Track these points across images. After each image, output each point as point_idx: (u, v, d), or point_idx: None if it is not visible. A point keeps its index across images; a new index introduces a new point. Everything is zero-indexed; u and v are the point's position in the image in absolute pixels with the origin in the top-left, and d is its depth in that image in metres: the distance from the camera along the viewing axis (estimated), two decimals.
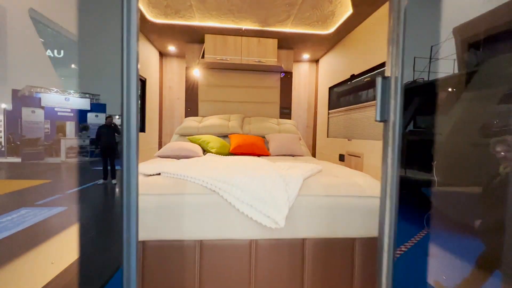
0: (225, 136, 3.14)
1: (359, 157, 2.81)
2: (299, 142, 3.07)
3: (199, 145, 2.66)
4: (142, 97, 3.56)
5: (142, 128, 3.57)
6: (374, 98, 2.73)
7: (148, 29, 3.22)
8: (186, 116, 3.70)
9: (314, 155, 4.41)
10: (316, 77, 4.47)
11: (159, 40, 3.61)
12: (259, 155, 2.76)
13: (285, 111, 3.84)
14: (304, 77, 4.51)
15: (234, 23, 3.09)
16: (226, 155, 2.70)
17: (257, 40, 3.39)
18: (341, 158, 3.30)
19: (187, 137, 2.82)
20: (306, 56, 4.19)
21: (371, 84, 2.81)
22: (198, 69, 3.64)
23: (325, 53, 4.04)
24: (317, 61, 4.43)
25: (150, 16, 2.94)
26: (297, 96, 4.47)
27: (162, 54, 4.20)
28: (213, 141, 2.65)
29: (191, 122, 3.20)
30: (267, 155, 2.77)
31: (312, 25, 3.07)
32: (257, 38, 3.39)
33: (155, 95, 3.97)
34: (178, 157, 2.35)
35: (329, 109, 3.86)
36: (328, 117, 3.87)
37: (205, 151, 2.66)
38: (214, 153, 2.55)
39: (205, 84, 3.67)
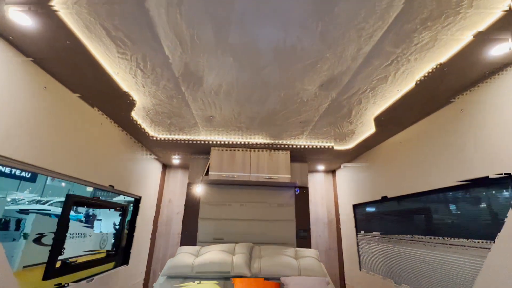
0: (227, 278, 2.35)
1: None
2: None
3: None
4: (133, 218, 3.00)
5: (125, 260, 2.84)
6: (427, 232, 2.07)
7: (150, 144, 3.00)
8: (181, 243, 3.01)
9: None
10: (334, 189, 3.97)
11: (162, 153, 3.37)
12: None
13: (303, 235, 3.12)
14: (320, 189, 4.01)
15: (243, 138, 2.86)
16: None
17: (268, 153, 3.08)
18: None
19: (175, 286, 2.05)
20: (320, 167, 3.83)
21: (418, 213, 2.22)
22: (201, 185, 3.22)
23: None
24: (333, 171, 4.03)
25: (153, 132, 2.74)
26: (314, 210, 3.85)
27: (166, 166, 3.94)
28: None
29: (185, 256, 2.49)
30: None
31: (329, 139, 2.79)
32: (268, 150, 3.10)
33: (150, 211, 3.43)
34: None
35: (357, 231, 3.15)
36: (358, 241, 3.10)
37: None
38: None
39: (207, 202, 3.16)
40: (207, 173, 3.03)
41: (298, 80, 1.67)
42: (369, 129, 2.41)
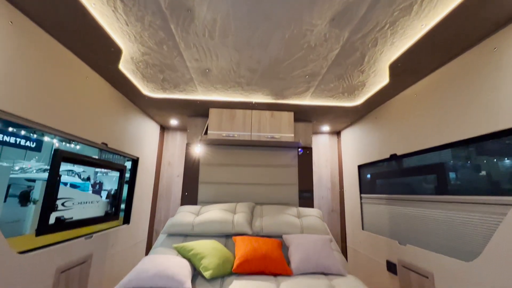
0: (228, 236, 2.32)
1: (427, 277, 1.86)
2: (331, 247, 2.18)
3: (189, 259, 1.84)
4: (132, 179, 2.94)
5: (126, 219, 2.83)
6: (439, 190, 1.95)
7: (145, 104, 2.82)
8: (182, 202, 2.98)
9: (344, 252, 3.40)
10: (338, 151, 3.83)
11: (158, 114, 3.20)
12: (275, 275, 1.88)
13: (305, 195, 3.06)
14: (324, 151, 3.88)
15: (243, 96, 2.65)
16: (228, 275, 1.83)
17: (270, 114, 2.89)
18: (391, 268, 2.33)
19: (173, 245, 2.02)
20: (325, 128, 3.65)
21: (429, 170, 2.08)
22: (200, 146, 3.09)
23: (348, 125, 3.49)
24: (338, 132, 3.86)
25: (146, 91, 2.54)
26: (318, 172, 3.76)
27: (164, 128, 3.79)
28: (210, 255, 1.82)
29: (186, 215, 2.45)
30: (289, 274, 1.88)
31: (336, 96, 2.57)
32: (270, 111, 2.90)
33: (149, 173, 3.36)
34: None
35: (361, 192, 3.07)
36: (361, 203, 3.03)
37: (196, 272, 1.82)
38: (209, 278, 1.70)
39: (207, 163, 3.06)
40: (206, 133, 2.88)
41: (306, 12, 1.41)
42: (382, 80, 2.18)
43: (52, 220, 1.78)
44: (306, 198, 3.05)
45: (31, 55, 1.48)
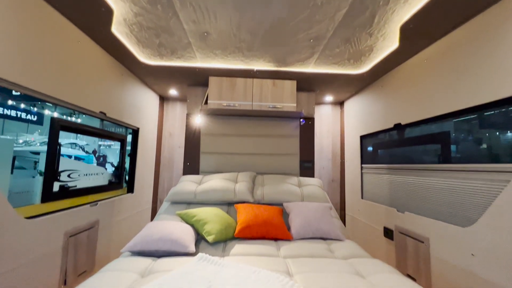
0: (230, 204, 2.37)
1: (422, 242, 1.92)
2: (331, 214, 2.24)
3: (192, 225, 1.89)
4: (133, 150, 2.94)
5: (130, 188, 2.89)
6: (440, 159, 1.94)
7: (142, 72, 2.72)
8: (184, 172, 3.01)
9: (343, 219, 3.51)
10: (341, 122, 3.77)
11: (157, 83, 3.10)
12: (276, 240, 1.95)
13: (306, 165, 3.07)
14: (326, 122, 3.82)
15: (244, 63, 2.53)
16: (230, 239, 1.90)
17: (272, 82, 2.79)
18: (388, 234, 2.41)
19: (177, 212, 2.07)
20: (328, 98, 3.56)
21: (434, 139, 2.04)
22: (200, 116, 3.04)
23: (352, 95, 3.39)
24: (341, 103, 3.77)
25: (142, 58, 2.43)
26: (319, 143, 3.74)
27: (163, 98, 3.70)
28: (212, 221, 1.88)
29: (188, 184, 2.48)
30: (289, 239, 1.94)
31: (342, 63, 2.45)
32: (272, 79, 2.80)
33: (151, 144, 3.36)
34: (157, 254, 1.58)
35: (362, 162, 3.07)
36: (362, 173, 3.05)
37: (199, 236, 1.88)
38: (211, 242, 1.76)
39: (208, 133, 3.04)
40: (206, 102, 2.82)
41: None
42: (391, 44, 2.06)
43: (56, 188, 1.81)
44: (307, 168, 3.07)
45: (18, 17, 1.38)
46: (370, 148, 2.97)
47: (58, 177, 1.78)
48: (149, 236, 1.61)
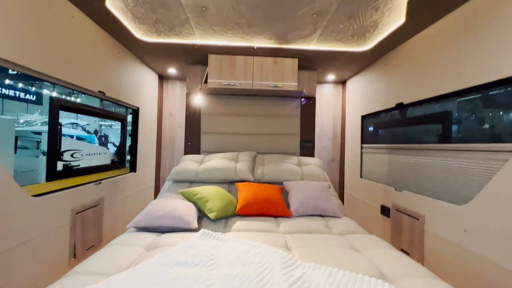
0: (231, 183, 2.42)
1: (418, 219, 1.99)
2: (330, 192, 2.29)
3: (194, 203, 1.95)
4: (134, 129, 2.95)
5: (132, 167, 2.94)
6: (440, 139, 1.94)
7: (140, 50, 2.65)
8: (185, 152, 3.04)
9: (342, 198, 3.59)
10: (342, 102, 3.73)
11: (155, 62, 3.04)
12: (276, 217, 2.01)
13: (307, 145, 3.09)
14: (328, 101, 3.78)
15: (244, 40, 2.45)
16: (231, 216, 1.97)
17: (273, 60, 2.73)
18: (384, 211, 2.48)
19: (179, 191, 2.12)
20: (330, 77, 3.49)
21: (435, 119, 2.03)
22: (200, 95, 3.01)
23: (355, 74, 3.32)
24: (343, 82, 3.70)
25: (139, 35, 2.36)
26: (320, 122, 3.73)
27: (162, 77, 3.64)
28: (213, 198, 1.93)
29: (189, 163, 2.52)
30: (288, 216, 2.01)
31: (345, 40, 2.37)
32: (273, 57, 2.73)
33: (151, 124, 3.36)
34: (160, 230, 1.65)
35: (362, 142, 3.08)
36: (362, 152, 3.07)
37: (201, 214, 1.94)
38: (213, 218, 1.82)
39: (209, 113, 3.02)
40: (206, 82, 2.77)
41: None
42: (397, 20, 1.98)
43: (60, 167, 1.84)
44: (307, 148, 3.09)
45: None
46: (370, 128, 2.97)
47: (61, 157, 1.80)
48: (153, 213, 1.67)
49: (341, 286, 0.94)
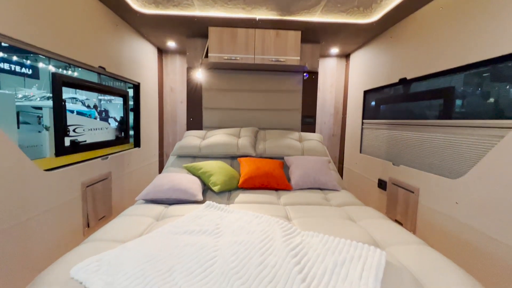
0: (233, 158, 2.49)
1: (413, 192, 2.08)
2: (329, 167, 2.36)
3: (199, 177, 2.03)
4: (136, 105, 2.96)
5: (137, 143, 2.99)
6: (441, 115, 1.96)
7: (137, 22, 2.56)
8: (188, 128, 3.08)
9: (341, 172, 3.69)
10: (345, 76, 3.67)
11: (154, 35, 2.95)
12: (277, 190, 2.11)
13: (308, 121, 3.11)
14: (330, 75, 3.72)
15: (245, 12, 2.36)
16: (234, 190, 2.06)
17: (275, 33, 2.64)
18: (381, 185, 2.57)
19: (183, 165, 2.19)
20: (334, 50, 3.39)
21: (439, 94, 2.03)
22: (201, 70, 2.97)
23: (359, 47, 3.23)
24: (347, 55, 3.61)
25: (137, 6, 2.27)
26: (322, 97, 3.71)
27: (162, 51, 3.56)
28: (217, 173, 2.00)
29: (192, 139, 2.57)
30: (289, 189, 2.10)
31: (350, 12, 2.28)
32: (275, 30, 2.64)
33: (153, 99, 3.36)
34: (168, 202, 1.74)
35: (363, 118, 3.09)
36: (362, 128, 3.10)
37: (205, 187, 2.03)
38: (217, 191, 1.91)
39: (210, 88, 3.00)
40: (206, 56, 2.72)
41: None
42: None
43: (67, 143, 1.89)
44: (308, 123, 3.11)
45: None
46: (372, 103, 2.96)
47: (68, 133, 1.84)
48: (160, 186, 1.75)
49: (336, 251, 1.03)
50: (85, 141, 2.11)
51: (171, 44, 3.24)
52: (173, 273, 0.87)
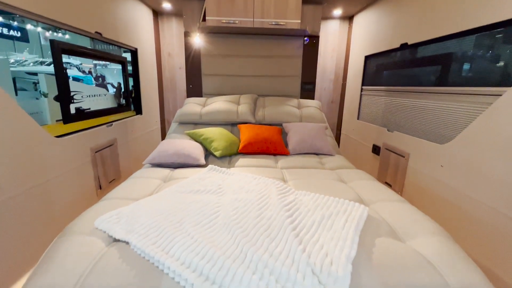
0: (233, 124, 2.57)
1: (403, 157, 2.20)
2: (326, 133, 2.45)
3: (200, 143, 2.13)
4: (135, 71, 2.95)
5: (138, 110, 3.05)
6: (436, 82, 1.98)
7: None
8: (188, 95, 3.10)
9: (338, 138, 3.79)
10: (348, 40, 3.56)
11: None
12: (275, 155, 2.23)
13: (307, 87, 3.12)
14: (332, 39, 3.62)
15: None
16: (234, 154, 2.18)
17: None
18: (375, 150, 2.69)
19: (185, 132, 2.28)
20: (337, 12, 3.25)
21: (436, 61, 2.03)
22: (199, 34, 2.89)
23: (363, 8, 3.09)
24: (350, 18, 3.47)
25: None
26: (322, 63, 3.66)
27: (157, 13, 3.41)
28: (218, 139, 2.10)
29: (193, 106, 2.62)
30: (286, 154, 2.22)
31: None
32: None
33: (151, 66, 3.32)
34: (173, 166, 1.87)
35: (363, 84, 3.10)
36: (361, 94, 3.12)
37: (207, 152, 2.15)
38: (218, 156, 2.04)
39: (209, 54, 2.96)
40: (204, 19, 2.64)
41: None
42: None
43: (72, 110, 1.96)
44: (308, 90, 3.12)
45: None
46: (372, 70, 2.94)
47: (73, 101, 1.90)
48: (165, 151, 1.87)
49: (324, 207, 1.17)
50: (89, 108, 2.17)
51: (166, 5, 3.10)
52: (183, 224, 1.01)
